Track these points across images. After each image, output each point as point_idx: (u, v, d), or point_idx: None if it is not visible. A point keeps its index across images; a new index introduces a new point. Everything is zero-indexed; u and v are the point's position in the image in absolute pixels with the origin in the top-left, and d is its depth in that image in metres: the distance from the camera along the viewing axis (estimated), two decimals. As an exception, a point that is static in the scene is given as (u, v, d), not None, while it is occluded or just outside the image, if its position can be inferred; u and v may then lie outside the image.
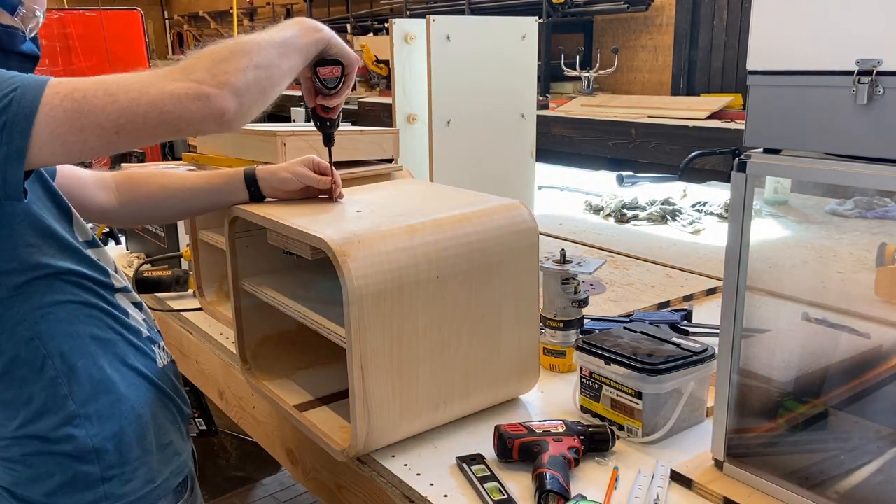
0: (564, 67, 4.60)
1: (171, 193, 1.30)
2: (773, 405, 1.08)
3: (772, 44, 0.92)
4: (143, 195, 1.30)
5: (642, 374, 1.15)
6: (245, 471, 3.17)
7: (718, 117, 3.53)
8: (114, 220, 1.41)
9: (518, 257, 1.22)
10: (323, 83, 1.19)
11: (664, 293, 1.85)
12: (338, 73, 1.18)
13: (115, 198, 1.29)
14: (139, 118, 0.93)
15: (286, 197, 1.31)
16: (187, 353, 1.87)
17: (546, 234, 2.45)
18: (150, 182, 1.31)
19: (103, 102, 0.91)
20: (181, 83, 0.95)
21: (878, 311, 1.02)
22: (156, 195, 1.30)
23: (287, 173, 1.29)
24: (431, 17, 2.21)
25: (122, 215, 1.32)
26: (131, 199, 1.30)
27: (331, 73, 1.18)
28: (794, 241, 1.14)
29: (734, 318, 1.00)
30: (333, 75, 1.18)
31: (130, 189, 1.30)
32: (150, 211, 1.32)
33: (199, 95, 0.95)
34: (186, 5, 12.58)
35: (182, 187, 1.31)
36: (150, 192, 1.30)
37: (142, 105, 0.93)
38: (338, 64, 1.18)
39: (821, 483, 0.99)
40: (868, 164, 0.85)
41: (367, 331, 1.07)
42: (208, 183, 1.31)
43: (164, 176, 1.32)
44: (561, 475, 1.04)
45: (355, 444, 1.12)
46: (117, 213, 1.30)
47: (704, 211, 2.69)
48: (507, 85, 2.42)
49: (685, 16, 4.57)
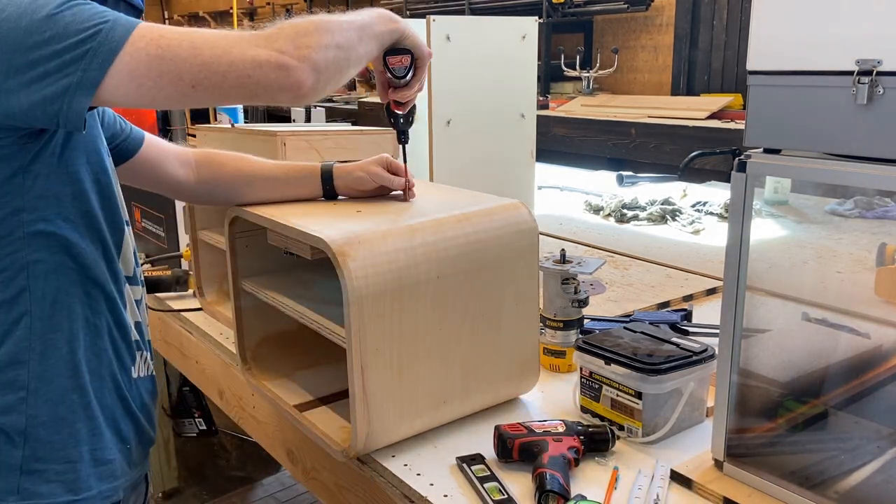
0: (564, 67, 4.60)
1: (248, 179, 1.30)
2: (773, 405, 1.08)
3: (772, 44, 0.92)
4: (220, 176, 1.30)
5: (642, 374, 1.15)
6: (245, 471, 3.18)
7: (718, 117, 3.53)
8: (188, 197, 1.40)
9: (518, 257, 1.22)
10: (392, 72, 1.16)
11: (664, 293, 1.85)
12: (407, 62, 1.15)
13: (193, 175, 1.30)
14: (218, 76, 0.92)
15: (359, 195, 1.32)
16: (187, 353, 1.87)
17: (546, 234, 2.45)
18: (230, 165, 1.31)
19: (187, 54, 0.91)
20: (263, 49, 0.94)
21: (878, 311, 1.02)
22: (233, 179, 1.30)
23: (362, 173, 1.29)
24: (431, 17, 2.21)
25: (196, 193, 1.32)
26: (209, 179, 1.30)
27: (399, 62, 1.15)
28: (794, 241, 1.14)
29: (734, 318, 1.00)
30: (402, 64, 1.15)
31: (210, 169, 1.30)
32: (224, 193, 1.31)
33: (280, 65, 0.94)
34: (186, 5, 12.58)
35: (259, 174, 1.30)
36: (227, 175, 1.30)
37: (222, 64, 0.92)
38: (407, 53, 1.15)
39: (821, 483, 0.99)
40: (868, 164, 0.85)
41: (367, 331, 1.07)
42: (286, 174, 1.30)
43: (243, 160, 1.32)
44: (561, 475, 1.04)
45: (355, 444, 1.12)
46: (192, 190, 1.31)
47: (704, 211, 2.69)
48: (507, 85, 2.42)
49: (685, 16, 4.57)
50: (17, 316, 1.00)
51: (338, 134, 1.68)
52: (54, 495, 1.02)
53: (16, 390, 1.00)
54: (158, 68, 0.90)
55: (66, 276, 1.02)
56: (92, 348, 1.06)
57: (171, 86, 0.91)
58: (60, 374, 1.02)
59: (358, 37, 1.05)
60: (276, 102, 0.99)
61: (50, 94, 0.88)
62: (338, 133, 1.69)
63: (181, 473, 3.02)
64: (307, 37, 0.97)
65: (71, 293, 1.03)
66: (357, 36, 1.04)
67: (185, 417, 2.75)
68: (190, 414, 2.74)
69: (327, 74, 0.99)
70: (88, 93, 0.88)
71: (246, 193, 1.30)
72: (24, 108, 0.89)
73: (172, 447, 2.95)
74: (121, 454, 1.10)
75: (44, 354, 1.01)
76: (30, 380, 1.00)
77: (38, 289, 1.00)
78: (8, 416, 1.00)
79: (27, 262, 0.99)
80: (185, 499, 3.01)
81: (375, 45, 1.10)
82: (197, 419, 2.74)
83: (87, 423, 1.05)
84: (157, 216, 2.11)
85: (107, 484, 1.08)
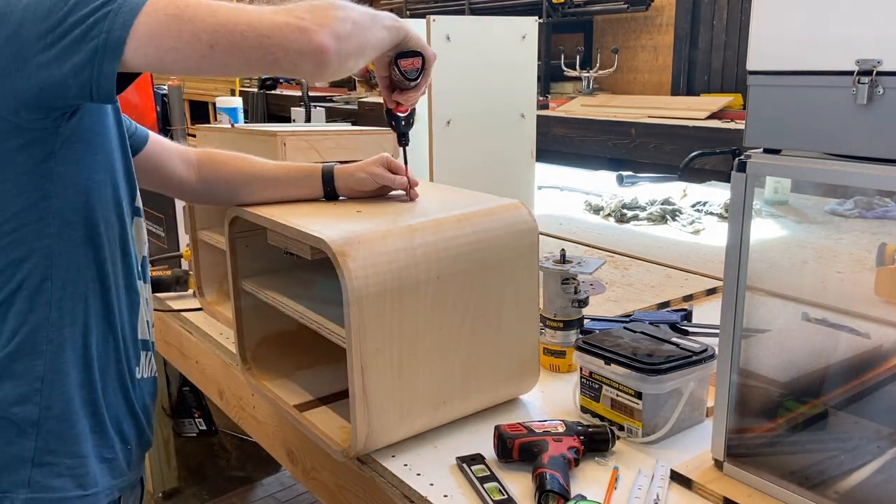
0: (564, 67, 4.60)
1: (249, 180, 1.30)
2: (773, 405, 1.08)
3: (772, 44, 0.92)
4: (222, 176, 1.30)
5: (642, 374, 1.15)
6: (245, 471, 3.17)
7: (718, 117, 3.53)
8: (190, 196, 1.40)
9: (518, 257, 1.22)
10: (404, 75, 1.16)
11: (664, 293, 1.85)
12: (418, 64, 1.16)
13: (195, 174, 1.30)
14: (236, 35, 0.91)
15: (360, 196, 1.32)
16: (187, 353, 1.87)
17: (546, 234, 2.45)
18: (231, 164, 1.31)
19: (205, 14, 0.91)
20: (282, 16, 0.94)
21: (878, 311, 1.02)
22: (234, 178, 1.30)
23: (363, 174, 1.29)
24: (431, 18, 2.21)
25: (198, 192, 1.33)
26: (210, 178, 1.30)
27: (412, 64, 1.16)
28: (794, 241, 1.14)
29: (734, 318, 1.00)
30: (414, 66, 1.16)
31: (211, 168, 1.31)
32: (226, 193, 1.32)
33: (301, 28, 0.93)
34: None
35: (260, 175, 1.30)
36: (229, 174, 1.30)
37: (241, 24, 0.92)
38: (418, 55, 1.16)
39: (821, 483, 0.99)
40: (868, 164, 0.85)
41: (367, 331, 1.07)
42: (286, 174, 1.31)
43: (244, 161, 1.32)
44: (561, 475, 1.04)
45: (355, 444, 1.12)
46: (194, 189, 1.31)
47: (704, 211, 2.69)
48: (507, 85, 2.42)
49: (685, 16, 4.56)
50: (38, 304, 0.99)
51: (338, 134, 1.68)
52: (65, 489, 1.02)
53: (31, 381, 0.99)
54: (178, 27, 0.90)
55: (87, 268, 1.02)
56: (104, 344, 1.06)
57: (189, 46, 0.91)
58: (74, 367, 1.02)
59: (371, 21, 1.04)
60: (298, 72, 0.97)
61: (79, 62, 0.88)
62: (338, 133, 1.69)
63: (181, 473, 3.02)
64: (324, 10, 0.97)
65: (89, 285, 1.03)
66: (370, 20, 1.04)
67: (185, 417, 2.76)
68: (190, 414, 2.74)
69: (347, 46, 0.98)
70: (115, 54, 0.89)
71: (247, 193, 1.30)
72: (58, 80, 0.89)
73: (172, 447, 2.95)
74: (121, 454, 1.10)
75: (60, 346, 1.01)
76: (45, 371, 1.00)
77: (60, 278, 1.00)
78: (23, 406, 0.99)
79: (52, 251, 0.99)
80: (185, 499, 3.00)
81: (387, 36, 1.10)
82: (197, 419, 2.74)
83: (93, 419, 1.05)
84: (157, 216, 2.11)
85: (111, 481, 1.08)
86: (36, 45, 0.89)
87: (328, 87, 6.14)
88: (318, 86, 6.10)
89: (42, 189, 0.97)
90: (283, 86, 6.07)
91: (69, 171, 0.98)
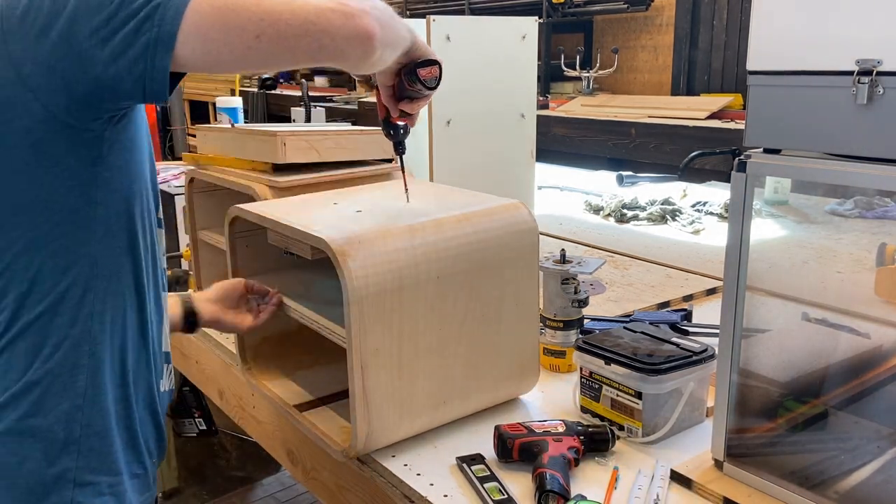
0: (564, 67, 4.59)
1: None
2: (773, 405, 1.08)
3: (772, 44, 0.92)
4: None
5: (642, 374, 1.15)
6: (245, 471, 3.17)
7: (718, 117, 3.53)
8: None
9: (518, 257, 1.22)
10: (424, 84, 1.16)
11: (664, 293, 1.85)
12: (437, 72, 1.16)
13: None
14: (282, 23, 0.90)
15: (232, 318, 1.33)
16: (187, 353, 1.87)
17: (546, 234, 2.45)
18: None
19: (250, 3, 0.90)
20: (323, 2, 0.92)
21: (878, 311, 1.02)
22: None
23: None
24: (431, 17, 2.21)
25: None
26: None
27: (430, 73, 1.15)
28: (794, 241, 1.14)
29: (734, 318, 1.00)
30: (433, 75, 1.16)
31: None
32: None
33: (346, 13, 0.92)
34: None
35: None
36: None
37: (285, 12, 0.90)
38: (435, 64, 1.16)
39: (821, 483, 0.99)
40: (868, 164, 0.85)
41: (367, 331, 1.07)
42: None
43: None
44: (561, 475, 1.04)
45: (355, 444, 1.12)
46: None
47: (704, 211, 2.69)
48: (507, 85, 2.42)
49: (685, 16, 4.56)
50: (80, 317, 0.96)
51: (338, 134, 1.68)
52: None
53: (73, 397, 0.96)
54: (223, 20, 0.88)
55: (126, 279, 1.00)
56: (138, 356, 1.03)
57: (236, 38, 0.89)
58: (112, 382, 0.99)
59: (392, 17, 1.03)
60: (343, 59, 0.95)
61: (132, 56, 0.87)
62: (338, 133, 1.69)
63: (181, 473, 3.02)
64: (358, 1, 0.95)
65: (127, 297, 1.00)
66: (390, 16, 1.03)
67: (185, 417, 2.75)
68: (190, 414, 2.74)
69: (388, 35, 0.97)
70: (168, 47, 0.87)
71: None
72: (112, 76, 0.88)
73: (172, 447, 2.95)
74: (149, 469, 1.08)
75: (101, 360, 0.98)
76: (87, 387, 0.97)
77: (101, 289, 0.97)
78: (65, 424, 0.96)
79: (96, 260, 0.96)
80: (185, 499, 3.01)
81: (408, 37, 1.09)
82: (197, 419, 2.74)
83: (127, 433, 1.02)
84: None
85: (139, 497, 1.05)
86: (89, 41, 0.87)
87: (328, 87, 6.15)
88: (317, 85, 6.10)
89: (88, 194, 0.94)
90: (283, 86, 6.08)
91: (114, 178, 0.96)
